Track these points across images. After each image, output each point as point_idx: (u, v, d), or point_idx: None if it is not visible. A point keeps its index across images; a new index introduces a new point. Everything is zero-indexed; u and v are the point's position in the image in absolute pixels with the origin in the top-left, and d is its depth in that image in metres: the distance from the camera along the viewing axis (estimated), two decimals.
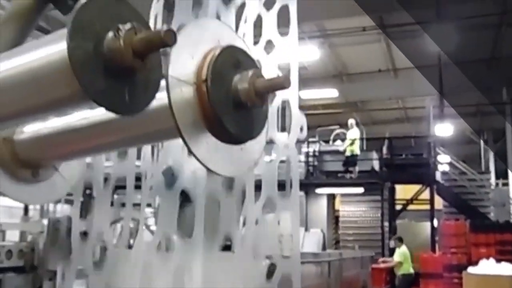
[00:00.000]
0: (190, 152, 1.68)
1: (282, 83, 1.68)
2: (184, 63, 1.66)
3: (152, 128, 1.84)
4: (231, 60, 1.71)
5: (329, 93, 20.74)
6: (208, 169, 1.74)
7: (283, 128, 3.36)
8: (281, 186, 3.89)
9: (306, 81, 18.77)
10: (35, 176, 2.23)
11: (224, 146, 1.74)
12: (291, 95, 3.48)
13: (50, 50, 1.44)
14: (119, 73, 1.38)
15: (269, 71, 3.49)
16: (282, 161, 3.94)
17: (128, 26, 1.35)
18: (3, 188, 2.18)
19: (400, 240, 14.57)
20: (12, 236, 10.07)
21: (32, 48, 1.52)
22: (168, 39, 1.34)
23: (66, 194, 2.49)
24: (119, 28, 1.35)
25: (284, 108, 3.42)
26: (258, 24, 3.34)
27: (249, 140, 1.77)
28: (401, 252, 14.19)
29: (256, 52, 3.44)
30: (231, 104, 1.69)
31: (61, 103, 1.49)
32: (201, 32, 1.74)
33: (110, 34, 1.36)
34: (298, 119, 3.40)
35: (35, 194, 2.24)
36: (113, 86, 1.38)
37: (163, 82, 1.61)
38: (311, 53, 17.35)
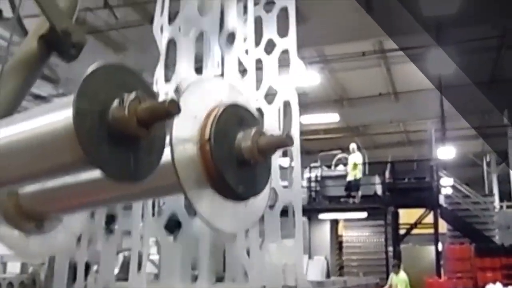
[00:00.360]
0: (194, 209, 1.69)
1: (285, 141, 1.70)
2: (188, 123, 1.68)
3: (157, 184, 1.85)
4: (233, 118, 1.73)
5: (330, 118, 20.79)
6: (212, 227, 1.74)
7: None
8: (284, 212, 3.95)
9: (307, 105, 18.83)
10: (39, 228, 2.23)
11: (228, 203, 1.75)
12: (290, 43, 3.66)
13: (56, 117, 1.45)
14: (124, 142, 1.39)
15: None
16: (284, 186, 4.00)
17: (133, 95, 1.37)
18: (7, 241, 2.18)
19: (399, 266, 14.36)
20: (13, 268, 10.03)
21: (38, 114, 1.54)
22: (172, 109, 1.36)
23: None
24: (124, 97, 1.37)
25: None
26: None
27: (253, 196, 1.78)
28: (401, 279, 14.01)
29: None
30: (235, 162, 1.70)
31: (66, 168, 1.50)
32: (203, 91, 1.76)
33: (116, 102, 1.38)
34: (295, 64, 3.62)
35: (39, 247, 2.24)
36: (117, 154, 1.40)
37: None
38: (312, 78, 17.42)
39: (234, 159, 1.70)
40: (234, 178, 1.69)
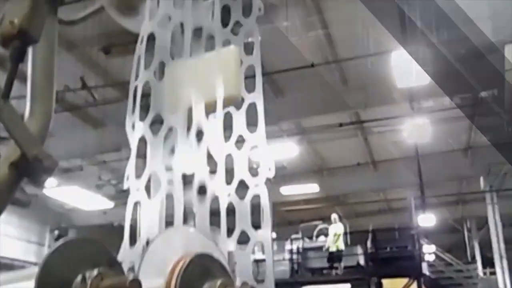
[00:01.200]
0: None
1: None
2: (153, 276, 1.69)
3: None
4: (199, 269, 1.75)
5: (310, 188, 20.85)
6: None
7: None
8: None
9: (286, 177, 18.93)
10: None
11: None
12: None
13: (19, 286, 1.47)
14: None
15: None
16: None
17: (95, 272, 1.39)
18: None
19: None
20: None
21: (2, 282, 1.54)
22: None
23: None
24: (87, 274, 1.39)
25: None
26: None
27: None
28: None
29: None
30: None
31: None
32: (168, 243, 1.79)
33: (78, 278, 1.39)
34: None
35: None
36: None
37: None
38: (290, 150, 17.57)
39: None
40: None
